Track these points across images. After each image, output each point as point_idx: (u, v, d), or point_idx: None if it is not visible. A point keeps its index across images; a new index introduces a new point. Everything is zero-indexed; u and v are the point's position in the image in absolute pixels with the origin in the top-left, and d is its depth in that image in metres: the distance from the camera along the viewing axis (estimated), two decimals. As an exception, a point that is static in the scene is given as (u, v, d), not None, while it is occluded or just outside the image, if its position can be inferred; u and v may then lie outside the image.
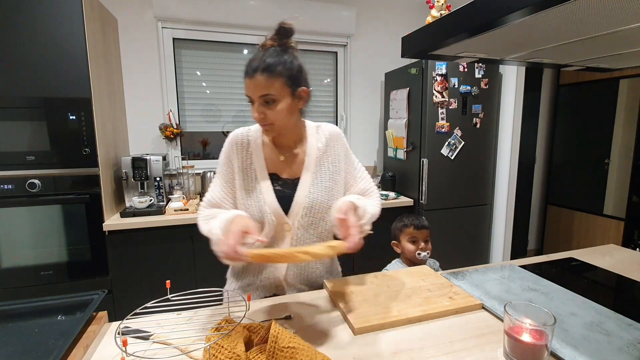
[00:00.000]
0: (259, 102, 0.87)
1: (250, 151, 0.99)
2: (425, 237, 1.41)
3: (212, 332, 0.73)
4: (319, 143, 1.01)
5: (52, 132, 1.77)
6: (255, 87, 0.85)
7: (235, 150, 1.00)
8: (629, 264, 1.22)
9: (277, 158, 0.99)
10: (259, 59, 0.86)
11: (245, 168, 0.98)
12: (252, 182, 0.97)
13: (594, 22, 0.64)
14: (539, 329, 0.66)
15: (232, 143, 1.00)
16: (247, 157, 0.99)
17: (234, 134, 1.01)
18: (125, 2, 2.30)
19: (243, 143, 1.00)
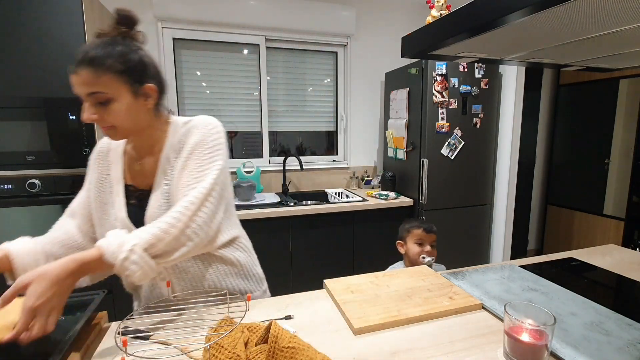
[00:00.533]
0: (90, 102, 0.75)
1: (109, 160, 0.88)
2: (432, 241, 1.40)
3: (212, 332, 0.73)
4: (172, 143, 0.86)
5: (52, 132, 1.77)
6: (80, 83, 0.72)
7: (95, 160, 0.90)
8: (629, 264, 1.22)
9: (133, 166, 0.88)
10: (83, 51, 0.72)
11: (102, 180, 0.88)
12: (106, 196, 0.86)
13: (594, 22, 0.64)
14: (539, 329, 0.66)
15: (94, 152, 0.91)
16: (106, 167, 0.88)
17: (99, 142, 0.91)
18: (125, 2, 2.30)
19: (102, 151, 0.90)
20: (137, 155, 0.88)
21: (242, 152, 2.80)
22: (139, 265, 0.68)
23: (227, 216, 0.90)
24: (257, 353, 0.66)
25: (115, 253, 0.67)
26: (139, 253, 0.68)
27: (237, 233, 0.99)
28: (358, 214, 2.36)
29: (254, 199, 2.37)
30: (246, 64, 2.66)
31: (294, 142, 2.96)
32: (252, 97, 2.71)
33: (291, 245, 2.24)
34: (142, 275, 0.69)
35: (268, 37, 2.62)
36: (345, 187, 2.94)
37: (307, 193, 2.77)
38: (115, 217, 0.84)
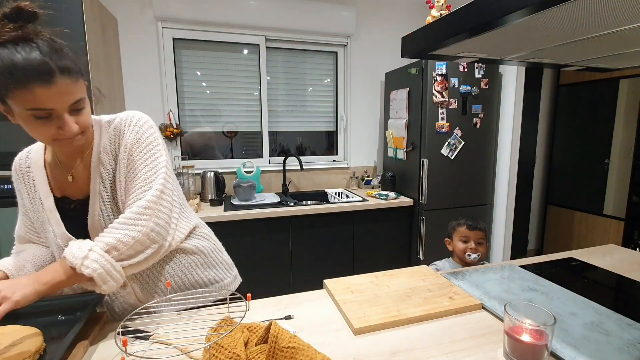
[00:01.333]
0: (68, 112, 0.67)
1: (31, 176, 0.81)
2: (478, 238, 1.38)
3: (212, 332, 0.73)
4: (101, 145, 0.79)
5: (52, 132, 1.77)
6: (62, 94, 0.64)
7: (18, 179, 0.83)
8: (629, 264, 1.22)
9: (64, 177, 0.80)
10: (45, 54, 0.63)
11: (32, 198, 0.82)
12: (41, 213, 0.81)
13: (594, 22, 0.64)
14: (539, 329, 0.66)
15: (14, 172, 0.83)
16: (30, 183, 0.82)
17: (15, 160, 0.84)
18: (125, 2, 2.30)
19: (22, 169, 0.83)
20: (67, 164, 0.80)
21: (242, 152, 2.80)
22: (100, 263, 0.67)
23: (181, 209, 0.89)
24: (257, 353, 0.66)
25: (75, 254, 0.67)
26: (98, 252, 0.68)
27: (195, 222, 0.96)
28: (358, 214, 2.36)
29: (254, 199, 2.37)
30: (246, 64, 2.66)
31: (294, 142, 2.96)
32: (252, 97, 2.71)
33: (291, 245, 2.24)
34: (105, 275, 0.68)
35: (268, 37, 2.62)
36: (345, 187, 2.94)
37: (307, 193, 2.77)
38: (54, 234, 0.78)
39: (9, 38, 0.62)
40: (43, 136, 0.68)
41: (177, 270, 0.90)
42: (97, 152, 0.78)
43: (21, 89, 0.61)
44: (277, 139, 2.88)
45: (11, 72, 0.60)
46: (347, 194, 2.69)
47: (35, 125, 0.66)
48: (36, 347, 0.66)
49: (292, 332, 0.71)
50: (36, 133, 0.68)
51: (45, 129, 0.66)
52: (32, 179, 0.81)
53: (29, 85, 0.61)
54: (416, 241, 2.48)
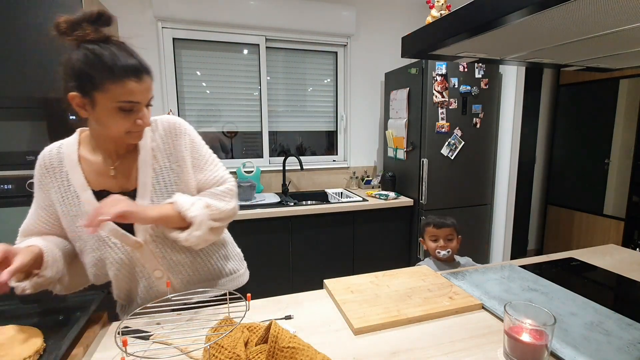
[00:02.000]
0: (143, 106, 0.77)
1: (65, 171, 0.83)
2: (446, 235, 1.41)
3: (212, 332, 0.73)
4: (153, 142, 0.86)
5: (52, 132, 1.76)
6: (147, 90, 0.76)
7: (47, 174, 0.83)
8: (629, 264, 1.22)
9: (104, 172, 0.84)
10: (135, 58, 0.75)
11: (64, 192, 0.82)
12: (75, 207, 0.82)
13: (594, 22, 0.64)
14: (539, 329, 0.66)
15: (41, 166, 0.84)
16: (63, 178, 0.83)
17: (42, 155, 0.84)
18: (125, 2, 2.30)
19: (52, 163, 0.84)
20: (113, 159, 0.85)
21: (242, 152, 2.80)
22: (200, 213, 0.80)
23: None
24: (257, 353, 0.66)
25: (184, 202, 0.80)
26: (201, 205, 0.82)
27: None
28: (358, 214, 2.36)
29: (254, 199, 2.37)
30: (246, 64, 2.66)
31: (294, 142, 2.96)
32: (252, 97, 2.71)
33: (291, 245, 2.24)
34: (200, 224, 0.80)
35: (268, 37, 2.62)
36: (345, 187, 2.94)
37: (307, 193, 2.77)
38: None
39: (96, 38, 0.72)
40: (120, 128, 0.75)
41: (205, 260, 0.95)
42: (149, 150, 0.86)
43: (117, 84, 0.70)
44: (277, 139, 2.88)
45: (111, 69, 0.70)
46: (347, 194, 2.69)
47: (117, 118, 0.74)
48: (36, 347, 0.66)
49: (292, 332, 0.71)
50: (115, 125, 0.75)
51: (124, 121, 0.75)
52: (66, 172, 0.83)
53: (125, 81, 0.71)
54: (416, 241, 2.48)
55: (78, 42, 0.72)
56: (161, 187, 0.86)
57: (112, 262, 0.84)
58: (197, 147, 0.91)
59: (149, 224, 0.81)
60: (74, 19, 0.71)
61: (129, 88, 0.72)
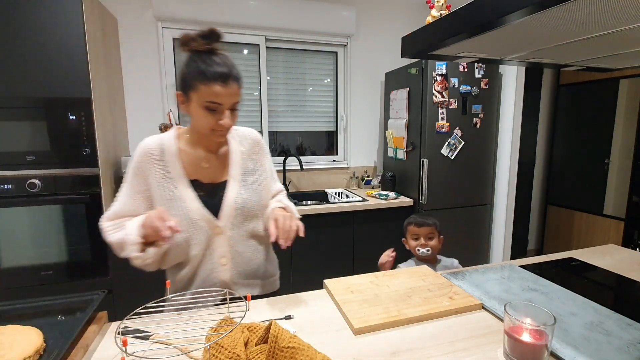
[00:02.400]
0: (227, 110, 0.87)
1: (165, 160, 0.94)
2: (427, 233, 1.44)
3: (212, 332, 0.73)
4: (242, 147, 1.03)
5: (52, 132, 1.77)
6: (231, 95, 0.86)
7: (148, 161, 0.94)
8: (629, 264, 1.22)
9: (198, 164, 0.97)
10: (227, 66, 0.86)
11: (163, 178, 0.93)
12: (171, 192, 0.93)
13: (594, 22, 0.64)
14: (539, 329, 0.66)
15: (143, 154, 0.94)
16: (163, 166, 0.94)
17: (145, 145, 0.95)
18: (125, 2, 2.30)
19: (155, 152, 0.94)
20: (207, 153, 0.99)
21: (242, 152, 2.79)
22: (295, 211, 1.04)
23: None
24: (257, 353, 0.66)
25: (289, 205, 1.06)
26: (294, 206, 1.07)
27: None
28: (358, 214, 2.36)
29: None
30: (246, 64, 2.66)
31: (294, 142, 2.96)
32: (252, 97, 2.71)
33: (291, 245, 2.24)
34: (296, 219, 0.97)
35: (268, 37, 2.62)
36: (345, 187, 2.94)
37: (307, 193, 2.77)
38: (187, 209, 0.93)
39: (204, 49, 0.86)
40: (205, 124, 0.88)
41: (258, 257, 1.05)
42: (239, 152, 1.02)
43: (206, 85, 0.83)
44: (277, 139, 2.88)
45: (204, 73, 0.83)
46: (347, 194, 2.69)
47: (204, 115, 0.86)
48: (36, 347, 0.66)
49: (292, 332, 0.71)
50: (201, 121, 0.88)
51: (209, 119, 0.87)
52: (166, 162, 0.94)
53: (213, 84, 0.83)
54: (416, 241, 2.48)
55: (191, 52, 0.87)
56: (245, 184, 1.00)
57: (196, 244, 0.94)
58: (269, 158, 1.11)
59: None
60: (191, 35, 0.86)
61: (215, 90, 0.83)
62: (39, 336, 0.69)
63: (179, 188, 0.93)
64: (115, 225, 0.91)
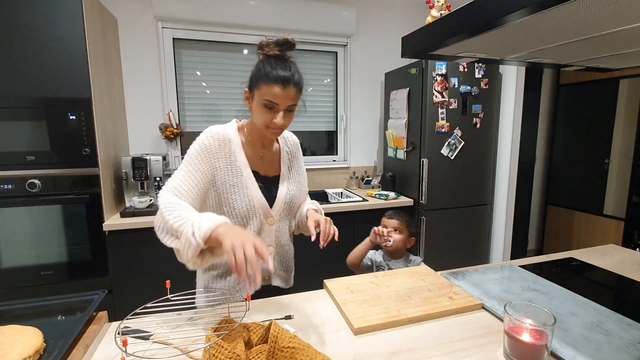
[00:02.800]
0: (283, 110, 0.94)
1: (232, 149, 1.01)
2: (394, 226, 1.47)
3: (212, 332, 0.73)
4: (287, 147, 1.13)
5: (52, 132, 1.77)
6: (288, 97, 0.92)
7: (218, 146, 0.99)
8: (629, 264, 1.22)
9: (257, 157, 1.06)
10: (290, 71, 0.92)
11: (229, 165, 1.00)
12: (236, 178, 1.00)
13: (594, 22, 0.64)
14: (539, 329, 0.66)
15: (213, 138, 0.99)
16: (231, 154, 1.01)
17: (214, 131, 1.00)
18: (125, 2, 2.30)
19: (225, 140, 1.01)
20: (262, 148, 1.06)
21: (242, 152, 2.79)
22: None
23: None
24: (257, 353, 0.66)
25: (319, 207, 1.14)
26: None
27: None
28: (358, 214, 2.36)
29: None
30: (246, 64, 2.66)
31: (294, 142, 2.95)
32: (252, 97, 2.70)
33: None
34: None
35: (268, 37, 2.62)
36: (345, 187, 2.94)
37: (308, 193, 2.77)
38: (250, 197, 1.00)
39: (273, 55, 0.94)
40: (261, 120, 0.95)
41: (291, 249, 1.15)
42: (286, 152, 1.11)
43: (267, 86, 0.90)
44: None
45: (267, 74, 0.91)
46: (347, 194, 2.69)
47: (261, 112, 0.94)
48: (36, 347, 0.66)
49: (292, 332, 0.71)
50: (259, 117, 0.95)
51: (265, 116, 0.93)
52: (233, 151, 1.01)
53: (273, 85, 0.90)
54: (416, 241, 2.48)
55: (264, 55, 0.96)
56: (292, 180, 1.10)
57: (250, 229, 1.01)
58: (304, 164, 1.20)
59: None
60: (268, 41, 0.96)
61: (274, 91, 0.90)
62: (39, 336, 0.69)
63: (244, 176, 1.01)
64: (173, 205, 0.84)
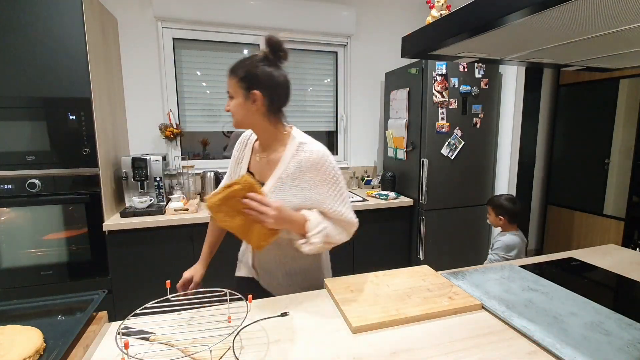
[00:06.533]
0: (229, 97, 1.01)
1: (245, 150, 1.11)
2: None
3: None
4: (293, 162, 1.01)
5: (52, 132, 1.77)
6: (229, 85, 1.00)
7: (237, 147, 1.15)
8: (629, 264, 1.22)
9: (255, 159, 1.09)
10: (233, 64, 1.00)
11: (236, 163, 1.13)
12: (235, 175, 1.10)
13: (594, 22, 0.64)
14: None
15: (238, 140, 1.15)
16: (242, 154, 1.12)
17: (244, 134, 1.15)
18: (125, 2, 2.30)
19: (243, 141, 1.14)
20: (261, 150, 1.08)
21: (242, 152, 2.79)
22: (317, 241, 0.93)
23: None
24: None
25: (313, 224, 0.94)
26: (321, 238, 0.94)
27: None
28: (358, 214, 2.33)
29: (254, 199, 2.37)
30: (246, 64, 2.66)
31: (294, 142, 2.95)
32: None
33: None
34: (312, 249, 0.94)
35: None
36: (345, 187, 2.94)
37: (307, 193, 2.77)
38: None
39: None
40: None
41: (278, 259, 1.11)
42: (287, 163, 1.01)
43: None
44: (277, 139, 2.88)
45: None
46: (347, 194, 2.69)
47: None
48: (36, 347, 0.66)
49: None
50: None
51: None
52: (245, 153, 1.11)
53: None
54: (416, 241, 2.48)
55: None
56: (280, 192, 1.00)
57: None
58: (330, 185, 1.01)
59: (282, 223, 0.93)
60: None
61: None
62: (39, 336, 0.69)
63: (240, 172, 1.10)
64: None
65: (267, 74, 1.01)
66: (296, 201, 0.99)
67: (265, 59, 1.03)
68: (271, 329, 0.82)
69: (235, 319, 0.82)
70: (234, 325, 0.80)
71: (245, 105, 0.99)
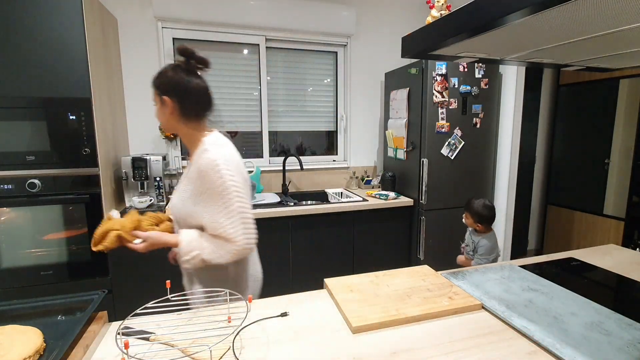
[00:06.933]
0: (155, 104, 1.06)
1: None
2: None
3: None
4: (193, 167, 1.02)
5: (52, 132, 1.77)
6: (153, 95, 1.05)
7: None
8: (629, 264, 1.22)
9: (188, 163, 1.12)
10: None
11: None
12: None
13: (594, 22, 0.64)
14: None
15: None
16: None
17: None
18: (125, 2, 2.30)
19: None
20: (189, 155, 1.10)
21: (242, 152, 2.79)
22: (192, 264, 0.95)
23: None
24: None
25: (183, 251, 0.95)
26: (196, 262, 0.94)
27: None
28: (358, 214, 2.36)
29: (253, 199, 2.37)
30: (246, 64, 2.66)
31: (294, 142, 2.95)
32: (252, 97, 2.71)
33: (291, 245, 2.24)
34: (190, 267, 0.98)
35: (268, 37, 2.62)
36: (345, 187, 2.94)
37: (307, 193, 2.77)
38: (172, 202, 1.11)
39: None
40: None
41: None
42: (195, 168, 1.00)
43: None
44: (277, 139, 2.88)
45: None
46: (347, 194, 2.69)
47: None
48: (36, 347, 0.66)
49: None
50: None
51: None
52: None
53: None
54: (416, 241, 2.48)
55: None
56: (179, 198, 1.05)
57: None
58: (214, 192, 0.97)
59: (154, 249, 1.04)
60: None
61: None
62: (39, 336, 0.69)
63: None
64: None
65: (175, 81, 1.02)
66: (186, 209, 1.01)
67: (178, 67, 1.03)
68: (271, 329, 0.82)
69: (235, 319, 0.82)
70: (234, 325, 0.80)
71: (162, 111, 1.04)
